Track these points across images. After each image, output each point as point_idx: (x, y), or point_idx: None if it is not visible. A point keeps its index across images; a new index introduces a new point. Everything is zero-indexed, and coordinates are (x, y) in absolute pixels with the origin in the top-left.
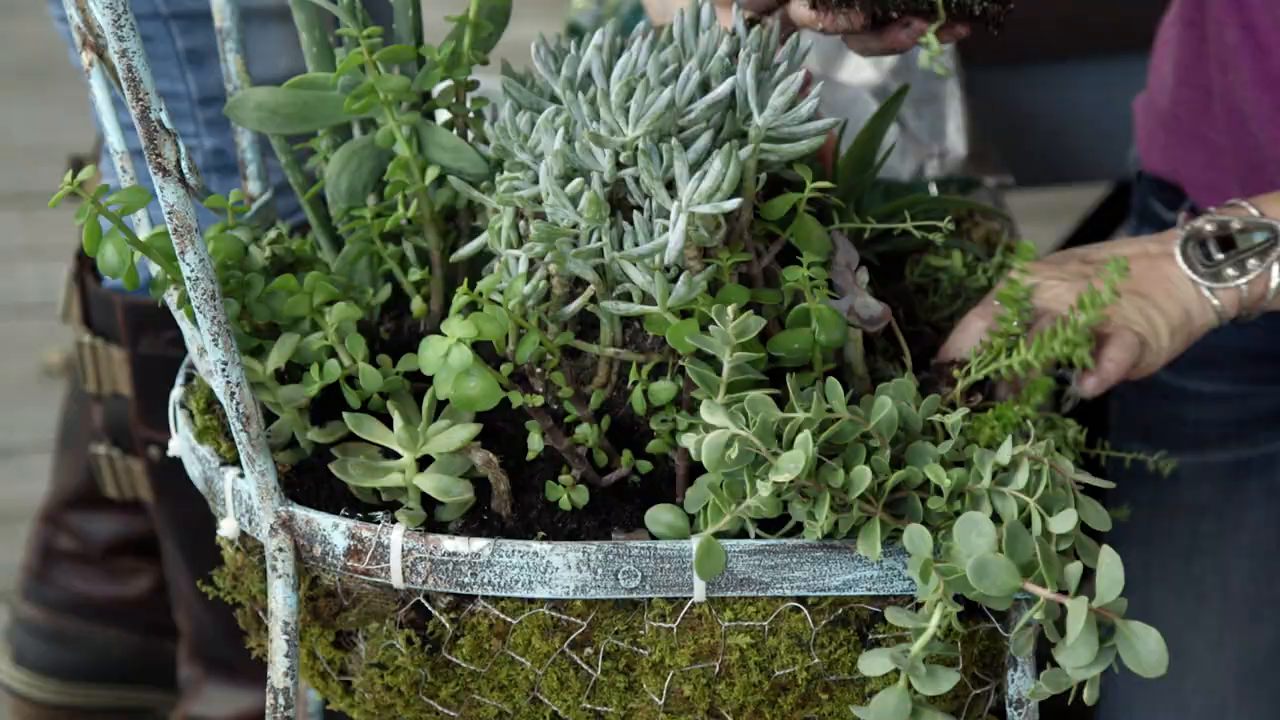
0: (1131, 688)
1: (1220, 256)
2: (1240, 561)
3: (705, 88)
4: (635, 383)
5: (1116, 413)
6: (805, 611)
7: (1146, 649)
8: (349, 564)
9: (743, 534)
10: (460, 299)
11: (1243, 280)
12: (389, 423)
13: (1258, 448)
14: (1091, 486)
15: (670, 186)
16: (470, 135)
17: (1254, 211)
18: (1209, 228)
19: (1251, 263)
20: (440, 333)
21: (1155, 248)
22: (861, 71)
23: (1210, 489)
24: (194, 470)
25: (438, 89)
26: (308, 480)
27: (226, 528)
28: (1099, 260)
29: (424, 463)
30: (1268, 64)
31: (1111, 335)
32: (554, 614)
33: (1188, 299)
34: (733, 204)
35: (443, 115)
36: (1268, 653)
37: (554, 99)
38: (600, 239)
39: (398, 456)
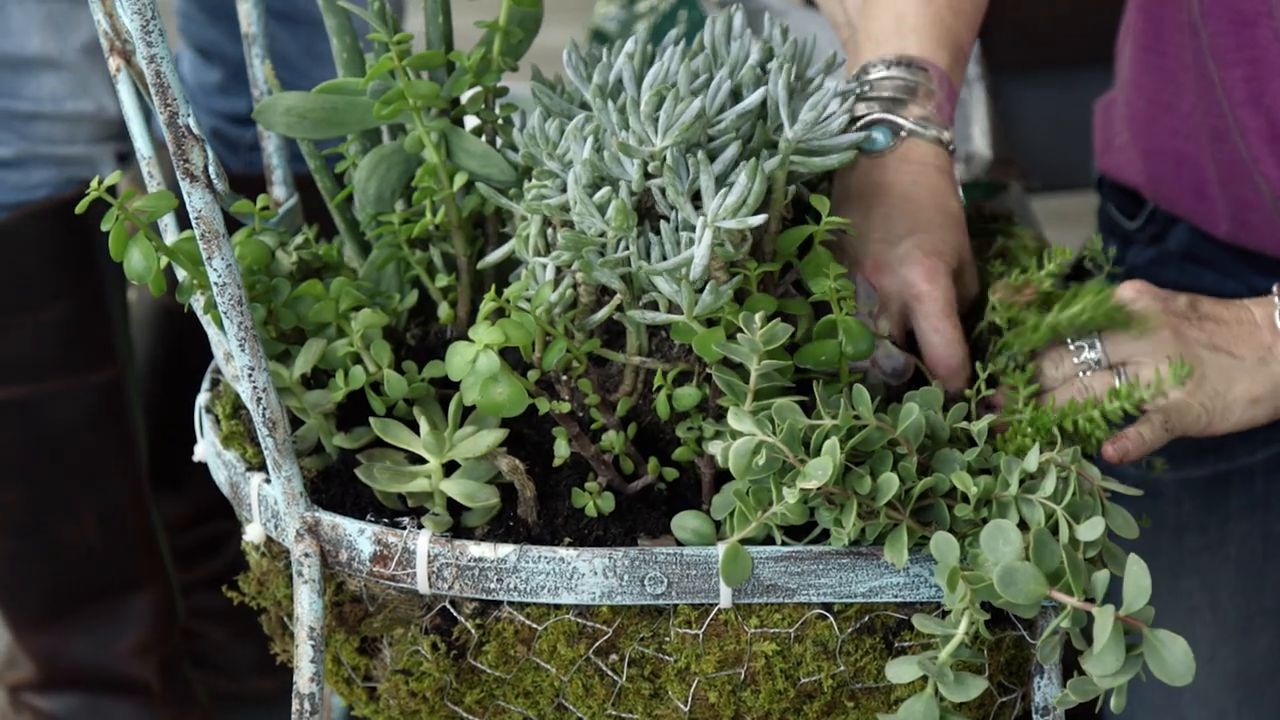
0: (1131, 704)
1: None
2: (1227, 576)
3: (736, 97)
4: (660, 388)
5: None
6: (831, 619)
7: (1174, 657)
8: (374, 569)
9: (769, 541)
10: (488, 305)
11: None
12: (415, 428)
13: (1236, 460)
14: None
15: (696, 199)
16: (499, 142)
17: None
18: None
19: None
20: (468, 338)
21: (1259, 312)
22: None
23: (1192, 505)
24: (220, 475)
25: (467, 95)
26: (334, 486)
27: (252, 533)
28: (1205, 313)
29: (450, 468)
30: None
31: (1150, 411)
32: (579, 620)
33: None
34: (758, 220)
35: (471, 121)
36: (1264, 663)
37: (584, 106)
38: (627, 248)
39: (424, 462)
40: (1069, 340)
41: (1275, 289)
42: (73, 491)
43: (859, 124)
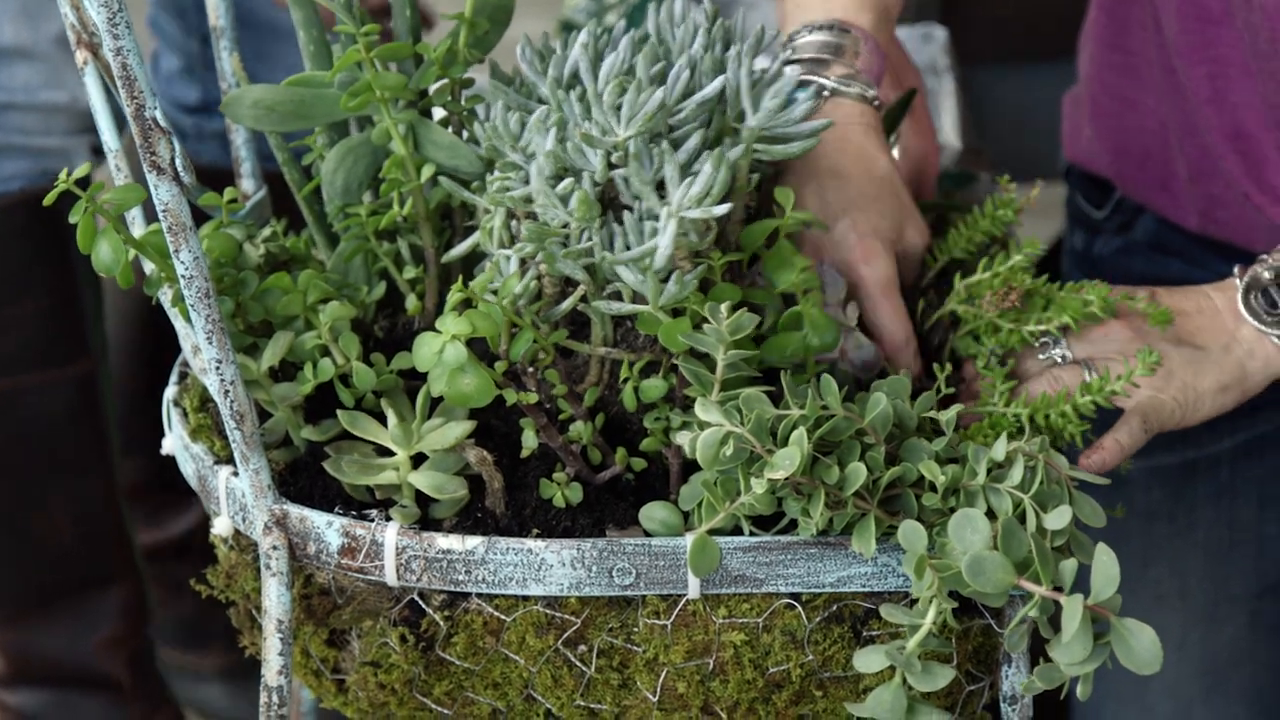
0: (1098, 694)
1: None
2: (1196, 563)
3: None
4: (626, 380)
5: None
6: (799, 608)
7: (1142, 646)
8: (343, 562)
9: (737, 531)
10: (455, 296)
11: None
12: (383, 420)
13: (1203, 448)
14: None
15: (660, 189)
16: (465, 134)
17: None
18: (1267, 275)
19: None
20: (435, 330)
21: (1219, 298)
22: None
23: (1160, 492)
24: (188, 468)
25: (434, 87)
26: (302, 478)
27: (220, 526)
28: (1170, 306)
29: (418, 460)
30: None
31: (1125, 415)
32: (548, 611)
33: (1246, 355)
34: (722, 209)
35: (439, 113)
36: (1230, 652)
37: (541, 100)
38: (591, 239)
39: (392, 454)
40: (1034, 338)
41: (1236, 272)
42: (46, 486)
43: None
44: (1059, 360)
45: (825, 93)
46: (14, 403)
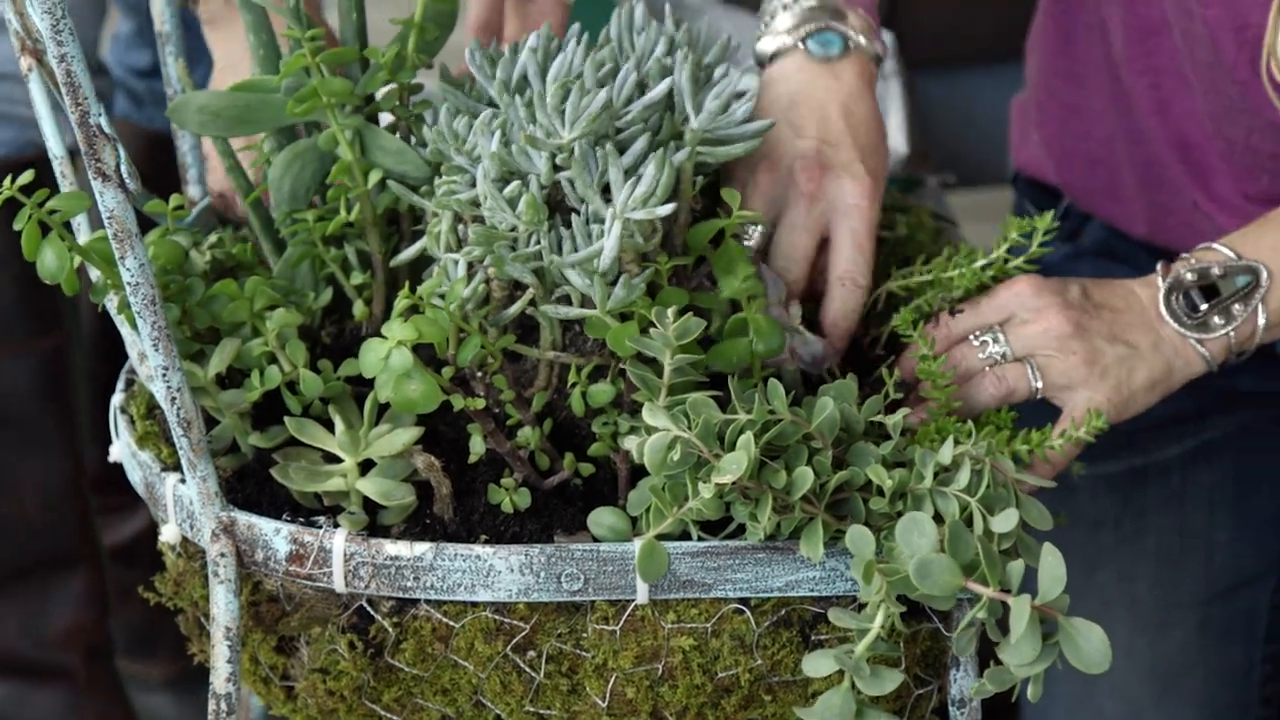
0: (1048, 698)
1: (1205, 307)
2: (1146, 569)
3: (643, 89)
4: (574, 385)
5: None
6: (748, 613)
7: (1090, 645)
8: (291, 569)
9: (685, 536)
10: (401, 302)
11: (1230, 328)
12: (331, 427)
13: (1150, 455)
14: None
15: (606, 192)
16: (413, 139)
17: (1230, 254)
18: (1190, 277)
19: (1236, 308)
20: (382, 336)
21: (1144, 294)
22: None
23: (1108, 500)
24: (135, 476)
25: (381, 92)
26: (249, 485)
27: (168, 533)
28: (1099, 302)
29: (366, 467)
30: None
31: (1062, 418)
32: (497, 617)
33: (1172, 353)
34: (666, 209)
35: (386, 118)
36: (1181, 656)
37: (491, 104)
38: (538, 242)
39: (340, 461)
40: (972, 336)
41: (1159, 269)
42: (11, 461)
43: (808, 33)
44: (999, 359)
45: (850, 44)
46: None
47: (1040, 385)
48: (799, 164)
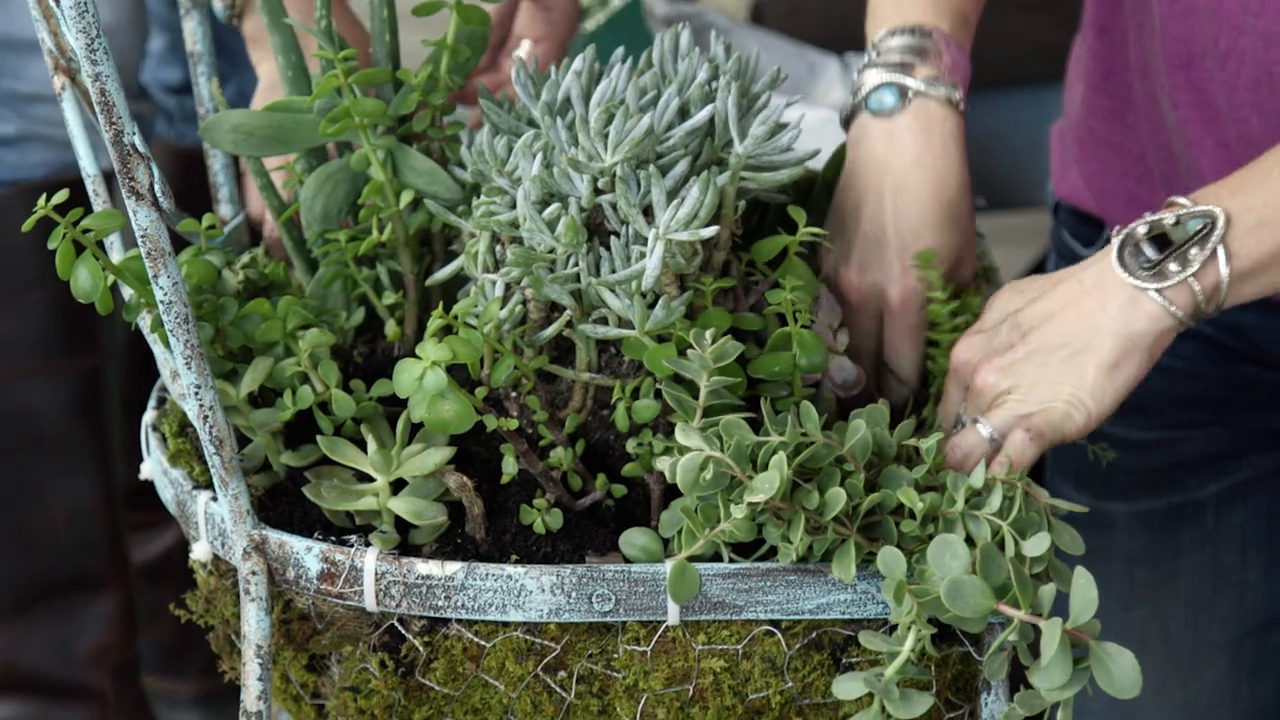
0: None
1: (1158, 255)
2: (1178, 608)
3: (684, 114)
4: (618, 400)
5: (1050, 456)
6: (779, 635)
7: (1121, 670)
8: (322, 587)
9: (717, 557)
10: (435, 323)
11: (1188, 273)
12: (363, 446)
13: (1189, 493)
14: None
15: (648, 213)
16: (449, 159)
17: (1185, 202)
18: (1142, 229)
19: (1193, 252)
20: (415, 356)
21: (1091, 274)
22: (832, 93)
23: (1145, 537)
24: (166, 493)
25: (415, 113)
26: (281, 504)
27: (199, 551)
28: (1031, 325)
29: (398, 486)
30: (1190, 75)
31: (1011, 430)
32: (528, 637)
33: (1124, 322)
34: (709, 232)
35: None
36: (1211, 697)
37: (532, 123)
38: (577, 264)
39: (372, 480)
40: (972, 420)
41: (1113, 232)
42: (45, 479)
43: (869, 90)
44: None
45: (909, 94)
46: (19, 390)
47: (993, 434)
48: (841, 271)
